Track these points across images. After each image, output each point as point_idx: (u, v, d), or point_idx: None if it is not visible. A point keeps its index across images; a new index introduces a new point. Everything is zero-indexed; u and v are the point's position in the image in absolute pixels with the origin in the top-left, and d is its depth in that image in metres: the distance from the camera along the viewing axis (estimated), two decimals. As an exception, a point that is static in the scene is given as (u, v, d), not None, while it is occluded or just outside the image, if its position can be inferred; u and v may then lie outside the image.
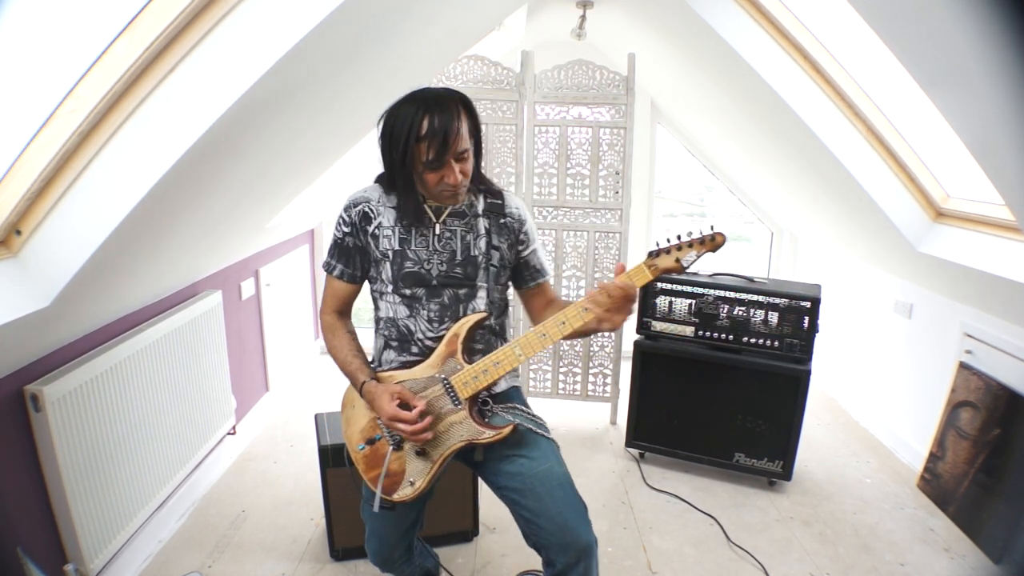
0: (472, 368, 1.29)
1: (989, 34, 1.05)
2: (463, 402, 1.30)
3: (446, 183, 1.25)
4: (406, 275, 1.32)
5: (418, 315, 1.34)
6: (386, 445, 1.35)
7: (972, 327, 2.29)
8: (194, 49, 1.24)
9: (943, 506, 2.30)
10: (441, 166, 1.23)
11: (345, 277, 1.38)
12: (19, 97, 1.24)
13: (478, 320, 1.32)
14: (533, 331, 1.27)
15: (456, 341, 1.30)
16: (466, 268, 1.34)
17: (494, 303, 1.38)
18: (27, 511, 1.55)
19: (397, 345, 1.37)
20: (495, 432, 1.29)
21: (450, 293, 1.33)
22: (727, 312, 2.39)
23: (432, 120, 1.20)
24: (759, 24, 2.07)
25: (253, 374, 2.90)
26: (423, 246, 1.32)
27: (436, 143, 1.20)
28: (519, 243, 1.40)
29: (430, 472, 1.33)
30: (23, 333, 1.40)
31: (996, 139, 1.48)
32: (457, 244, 1.33)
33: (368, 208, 1.33)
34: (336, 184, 3.18)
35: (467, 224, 1.35)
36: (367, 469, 1.38)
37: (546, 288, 1.47)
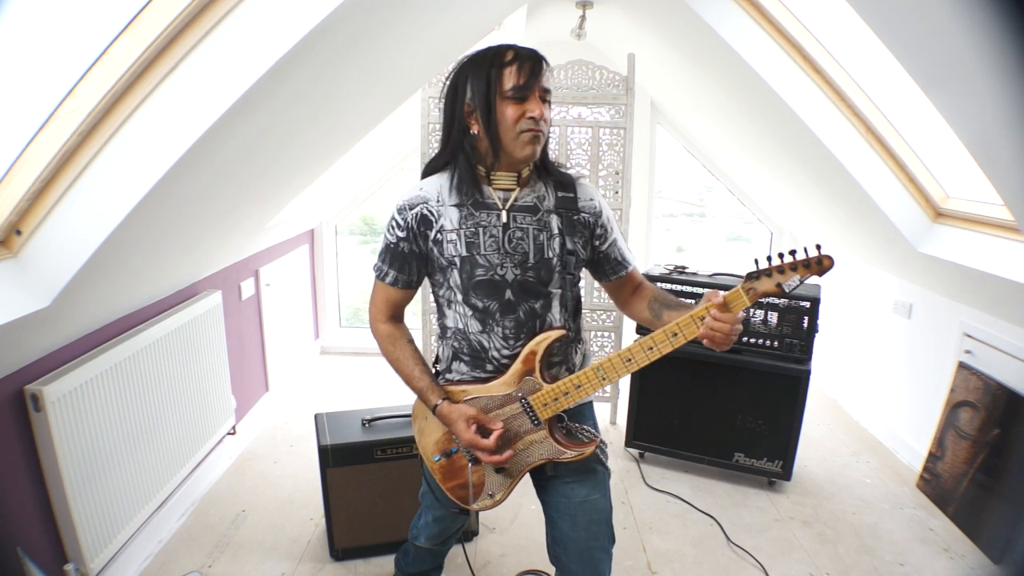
0: (552, 389, 1.23)
1: (989, 34, 1.06)
2: (543, 423, 1.26)
3: (529, 118, 1.14)
4: (478, 284, 1.22)
5: (492, 332, 1.25)
6: (463, 458, 1.32)
7: (971, 327, 2.29)
8: (194, 49, 1.24)
9: (943, 506, 2.31)
10: (526, 95, 1.14)
11: (400, 284, 1.28)
12: (19, 97, 1.24)
13: (556, 337, 1.25)
14: (619, 355, 1.20)
15: (534, 359, 1.24)
16: (539, 272, 1.23)
17: (567, 307, 1.29)
18: (27, 511, 1.55)
19: (469, 360, 1.29)
20: (577, 452, 1.26)
21: (525, 308, 1.24)
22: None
23: (517, 50, 1.15)
24: (759, 24, 2.07)
25: (253, 374, 2.90)
26: (493, 249, 1.21)
27: (528, 66, 1.13)
28: (596, 238, 1.30)
29: (509, 486, 1.32)
30: (23, 333, 1.40)
31: (995, 139, 1.48)
32: (529, 245, 1.22)
33: (427, 210, 1.22)
34: (336, 184, 3.18)
35: (539, 221, 1.23)
36: (444, 479, 1.36)
37: (632, 277, 1.37)
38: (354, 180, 3.47)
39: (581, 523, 1.29)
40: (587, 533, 1.29)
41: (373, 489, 1.93)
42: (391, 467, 1.92)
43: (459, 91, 1.19)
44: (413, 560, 1.69)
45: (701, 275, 2.50)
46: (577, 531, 1.29)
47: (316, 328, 3.83)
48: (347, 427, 1.97)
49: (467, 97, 1.18)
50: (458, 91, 1.19)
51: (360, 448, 1.90)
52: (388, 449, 1.91)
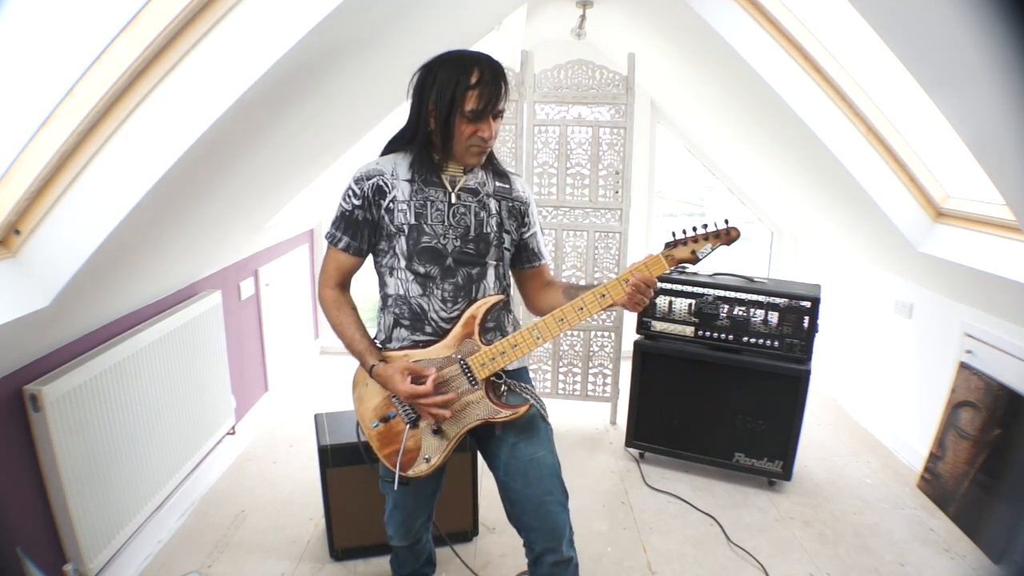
0: (490, 350, 1.32)
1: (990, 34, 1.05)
2: (480, 382, 1.33)
3: (479, 136, 1.27)
4: (423, 250, 1.33)
5: (432, 294, 1.35)
6: (401, 423, 1.37)
7: (972, 327, 2.29)
8: (193, 49, 1.24)
9: (943, 506, 2.30)
10: (482, 118, 1.26)
11: (351, 250, 1.37)
12: (19, 97, 1.24)
13: (495, 302, 1.36)
14: (552, 316, 1.31)
15: (473, 323, 1.34)
16: (479, 244, 1.35)
17: (500, 279, 1.42)
18: (26, 511, 1.55)
19: (409, 324, 1.38)
20: (511, 412, 1.33)
21: (463, 273, 1.35)
22: (727, 312, 2.39)
23: (483, 72, 1.24)
24: (759, 24, 2.07)
25: (252, 374, 2.90)
26: (439, 220, 1.33)
27: (487, 93, 1.23)
28: (522, 225, 1.43)
29: (445, 449, 1.37)
30: (22, 333, 1.40)
31: (997, 139, 1.48)
32: (471, 220, 1.35)
33: (382, 181, 1.33)
34: (336, 184, 3.18)
35: (479, 202, 1.36)
36: (381, 447, 1.40)
37: (543, 271, 1.50)
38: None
39: (533, 479, 1.35)
40: (539, 488, 1.35)
41: (373, 489, 1.91)
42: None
43: (425, 91, 1.28)
44: (402, 562, 1.73)
45: (701, 275, 2.49)
46: (530, 488, 1.35)
47: (316, 328, 3.83)
48: (347, 427, 1.97)
49: (431, 100, 1.27)
50: (424, 91, 1.29)
51: (360, 448, 1.90)
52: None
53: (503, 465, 1.38)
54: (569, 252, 2.93)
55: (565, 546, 1.36)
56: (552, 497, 1.36)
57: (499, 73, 1.26)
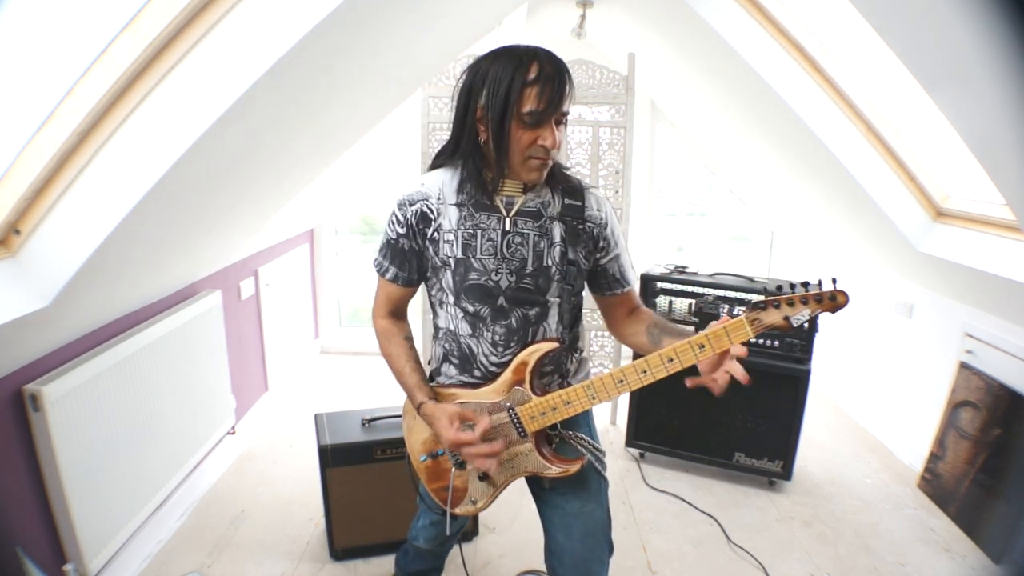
0: (541, 403, 1.19)
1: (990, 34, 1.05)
2: (529, 435, 1.22)
3: (540, 145, 1.09)
4: (470, 288, 1.18)
5: (481, 337, 1.21)
6: (447, 461, 1.31)
7: (973, 327, 2.29)
8: (193, 48, 1.24)
9: (943, 506, 2.30)
10: (542, 122, 1.07)
11: (400, 281, 1.25)
12: (19, 97, 1.24)
13: (549, 350, 1.20)
14: (611, 375, 1.14)
15: (524, 370, 1.19)
16: (537, 280, 1.18)
17: (563, 317, 1.24)
18: (26, 511, 1.55)
19: (459, 364, 1.26)
20: (562, 469, 1.22)
21: (518, 315, 1.19)
22: (727, 312, 2.38)
23: (543, 66, 1.05)
24: (759, 24, 2.07)
25: (252, 374, 2.90)
26: (490, 253, 1.16)
27: (549, 89, 1.05)
28: (598, 250, 1.24)
29: (492, 495, 1.30)
30: (22, 333, 1.40)
31: (997, 138, 1.48)
32: (528, 252, 1.17)
33: (427, 207, 1.18)
34: (336, 184, 3.18)
35: (541, 228, 1.18)
36: (429, 480, 1.35)
37: (628, 298, 1.31)
38: (354, 179, 3.47)
39: (576, 535, 1.27)
40: (583, 545, 1.27)
41: (373, 489, 1.93)
42: (391, 467, 1.92)
43: (474, 93, 1.11)
44: (413, 560, 1.68)
45: (701, 275, 2.49)
46: (572, 543, 1.27)
47: (316, 328, 3.83)
48: (347, 427, 1.97)
49: (480, 102, 1.10)
50: (472, 92, 1.11)
51: (360, 448, 1.90)
52: (388, 449, 1.91)
53: (548, 515, 1.31)
54: (569, 252, 2.92)
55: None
56: (595, 556, 1.28)
57: (562, 68, 1.07)
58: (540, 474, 1.24)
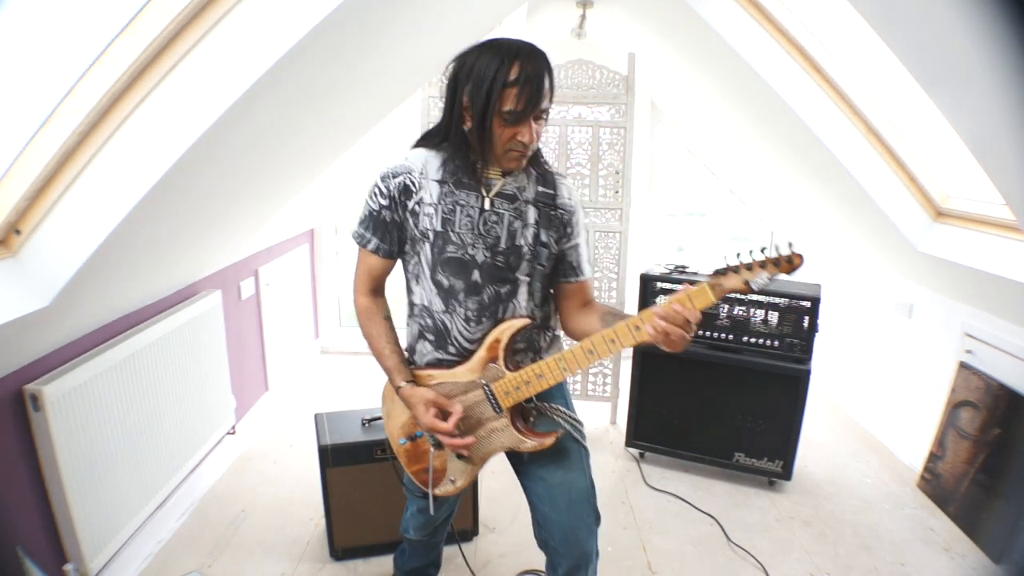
0: (515, 377, 1.24)
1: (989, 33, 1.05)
2: (504, 411, 1.27)
3: (519, 140, 1.15)
4: (447, 260, 1.22)
5: (455, 312, 1.25)
6: (427, 442, 1.35)
7: (972, 327, 2.29)
8: (193, 49, 1.24)
9: (943, 506, 2.30)
10: (521, 121, 1.13)
11: (381, 252, 1.28)
12: (19, 97, 1.24)
13: (521, 326, 1.25)
14: (580, 346, 1.20)
15: (497, 347, 1.24)
16: (509, 258, 1.24)
17: (534, 296, 1.30)
18: (27, 511, 1.55)
19: (433, 340, 1.30)
20: (537, 442, 1.26)
21: (490, 292, 1.24)
22: (727, 312, 2.39)
23: (524, 66, 1.10)
24: (759, 24, 2.07)
25: (253, 374, 2.90)
26: (468, 228, 1.22)
27: (527, 92, 1.09)
28: (564, 236, 1.30)
29: (470, 473, 1.35)
30: (23, 333, 1.40)
31: (997, 138, 1.48)
32: (503, 230, 1.23)
33: (410, 180, 1.23)
34: (336, 184, 3.18)
35: (516, 210, 1.24)
36: (409, 463, 1.39)
37: (583, 288, 1.35)
38: (354, 179, 3.47)
39: (562, 505, 1.30)
40: (569, 514, 1.30)
41: (373, 489, 1.93)
42: (391, 467, 1.92)
43: (459, 85, 1.16)
44: (409, 557, 1.71)
45: (701, 275, 2.49)
46: (559, 513, 1.30)
47: (316, 328, 3.83)
48: (347, 427, 1.97)
49: (465, 96, 1.16)
50: (459, 84, 1.16)
51: (360, 448, 1.90)
52: (388, 449, 1.91)
53: (533, 487, 1.33)
54: (569, 252, 2.92)
55: (590, 572, 1.32)
56: (582, 523, 1.30)
57: (542, 68, 1.12)
58: (516, 449, 1.28)
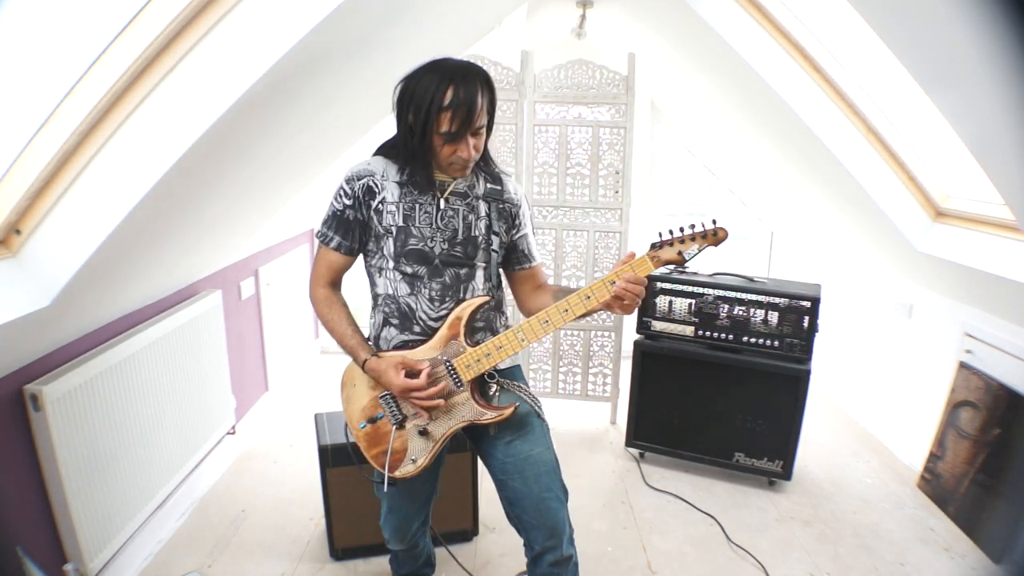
0: (475, 351, 1.32)
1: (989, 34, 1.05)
2: (465, 384, 1.33)
3: (458, 156, 1.26)
4: (409, 252, 1.32)
5: (419, 294, 1.34)
6: (388, 424, 1.37)
7: (972, 327, 2.29)
8: (194, 49, 1.24)
9: (943, 506, 2.30)
10: (458, 139, 1.24)
11: (343, 249, 1.37)
12: (19, 97, 1.24)
13: (480, 304, 1.35)
14: (536, 317, 1.30)
15: (459, 324, 1.33)
16: (467, 247, 1.35)
17: (491, 279, 1.42)
18: (27, 511, 1.55)
19: (398, 323, 1.37)
20: (496, 413, 1.33)
21: (451, 273, 1.34)
22: (727, 312, 2.39)
23: (457, 91, 1.20)
24: (759, 24, 2.07)
25: (253, 374, 2.90)
26: (426, 223, 1.32)
27: (460, 115, 1.20)
28: (513, 227, 1.42)
29: (431, 450, 1.36)
30: (23, 333, 1.40)
31: (996, 138, 1.48)
32: (459, 223, 1.34)
33: (372, 182, 1.33)
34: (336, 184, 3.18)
35: (468, 204, 1.35)
36: (368, 447, 1.41)
37: (535, 273, 1.48)
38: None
39: (531, 477, 1.35)
40: (538, 486, 1.35)
41: (373, 489, 1.92)
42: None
43: (404, 107, 1.26)
44: (401, 563, 1.74)
45: (701, 275, 2.49)
46: (528, 486, 1.34)
47: (316, 328, 3.83)
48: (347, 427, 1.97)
49: (410, 116, 1.25)
50: (403, 106, 1.26)
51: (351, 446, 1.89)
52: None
53: (499, 464, 1.38)
54: (569, 252, 2.93)
55: (565, 544, 1.36)
56: (551, 494, 1.35)
57: (475, 91, 1.21)
58: (477, 421, 1.33)
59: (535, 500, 1.34)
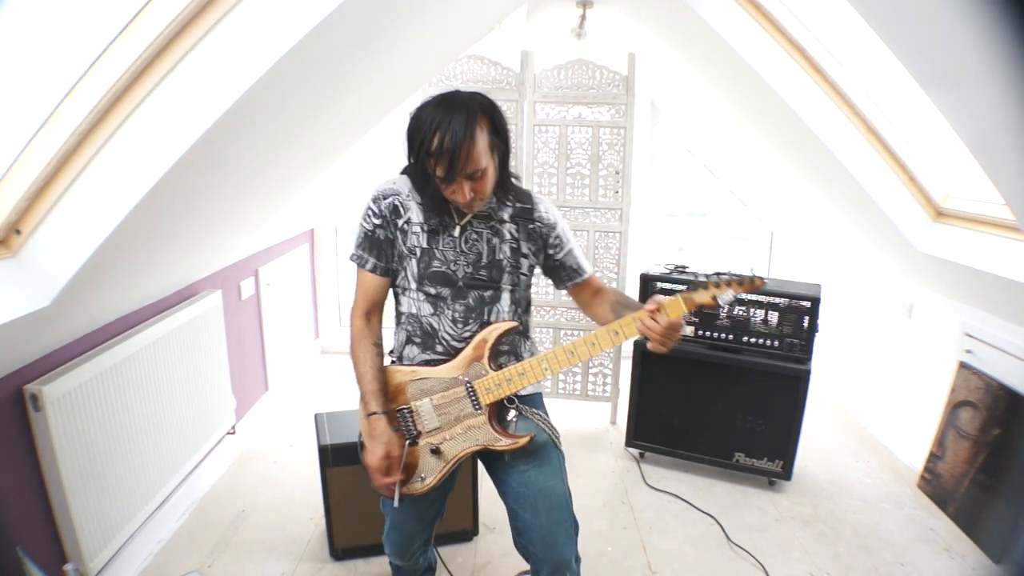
0: (497, 376, 1.30)
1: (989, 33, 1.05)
2: (483, 407, 1.31)
3: (455, 198, 1.24)
4: (432, 274, 1.31)
5: (442, 314, 1.33)
6: (402, 439, 1.35)
7: (972, 327, 2.29)
8: (193, 49, 1.24)
9: (943, 506, 2.30)
10: (450, 183, 1.21)
11: (378, 271, 1.35)
12: (19, 97, 1.24)
13: (508, 329, 1.33)
14: (563, 348, 1.28)
15: (484, 346, 1.31)
16: (491, 271, 1.33)
17: (519, 303, 1.39)
18: (27, 511, 1.55)
19: (420, 342, 1.36)
20: (511, 441, 1.31)
21: (475, 295, 1.33)
22: (727, 312, 2.39)
23: (443, 138, 1.16)
24: (759, 24, 2.07)
25: (253, 374, 2.90)
26: (450, 246, 1.32)
27: (444, 162, 1.18)
28: (549, 247, 1.40)
29: (441, 470, 1.35)
30: (23, 333, 1.40)
31: (996, 138, 1.48)
32: (483, 247, 1.33)
33: (398, 201, 1.32)
34: (336, 184, 3.18)
35: (492, 228, 1.34)
36: None
37: (590, 282, 1.46)
38: (354, 179, 3.47)
39: (542, 510, 1.32)
40: (549, 519, 1.32)
41: (373, 489, 1.92)
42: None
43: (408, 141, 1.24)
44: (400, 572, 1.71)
45: (701, 274, 2.48)
46: (539, 518, 1.32)
47: (316, 328, 3.83)
48: (347, 427, 1.97)
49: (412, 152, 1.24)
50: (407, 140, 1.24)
51: (360, 448, 1.90)
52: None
53: (512, 493, 1.35)
54: (569, 252, 2.93)
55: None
56: (561, 529, 1.32)
57: (462, 137, 1.16)
58: (490, 447, 1.31)
59: (544, 533, 1.31)
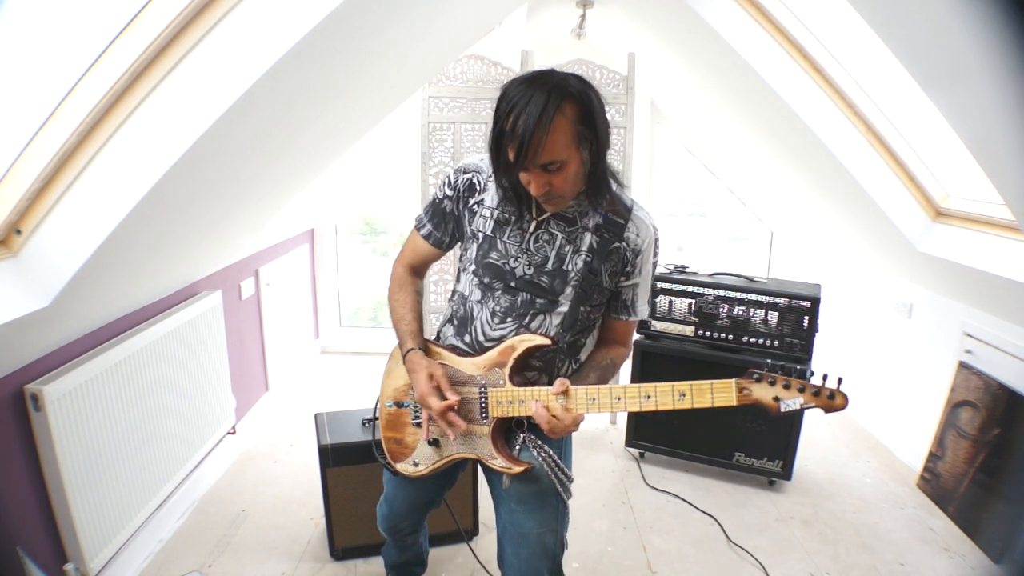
0: (512, 392, 1.19)
1: (989, 34, 1.05)
2: (490, 419, 1.22)
3: (529, 187, 1.12)
4: (488, 264, 1.22)
5: (485, 305, 1.23)
6: (407, 415, 1.34)
7: (972, 327, 2.29)
8: (194, 49, 1.24)
9: (943, 506, 2.30)
10: (519, 171, 1.09)
11: (431, 240, 1.30)
12: (19, 97, 1.24)
13: (540, 345, 1.19)
14: (586, 390, 1.15)
15: (510, 354, 1.19)
16: (553, 280, 1.19)
17: (576, 323, 1.22)
18: (27, 511, 1.55)
19: (457, 324, 1.29)
20: (507, 464, 1.21)
21: (526, 297, 1.20)
22: (727, 312, 2.39)
23: (516, 121, 1.04)
24: (759, 24, 2.07)
25: (253, 373, 2.90)
26: (515, 240, 1.20)
27: (514, 146, 1.05)
28: (622, 273, 1.22)
29: (434, 463, 1.32)
30: (23, 333, 1.40)
31: (996, 138, 1.48)
32: (552, 252, 1.19)
33: (477, 179, 1.24)
34: (336, 184, 3.18)
35: (570, 234, 1.19)
36: (386, 427, 1.38)
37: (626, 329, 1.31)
38: (354, 179, 3.47)
39: (523, 556, 1.28)
40: (528, 566, 1.28)
41: (373, 489, 1.92)
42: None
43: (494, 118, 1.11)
44: (388, 549, 1.72)
45: (701, 275, 2.49)
46: (519, 562, 1.28)
47: (316, 328, 3.83)
48: (347, 427, 1.97)
49: None
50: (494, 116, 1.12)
51: (360, 448, 1.90)
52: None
53: (501, 524, 1.33)
54: (569, 252, 2.92)
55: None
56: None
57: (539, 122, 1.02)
58: (485, 462, 1.25)
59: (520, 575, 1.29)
